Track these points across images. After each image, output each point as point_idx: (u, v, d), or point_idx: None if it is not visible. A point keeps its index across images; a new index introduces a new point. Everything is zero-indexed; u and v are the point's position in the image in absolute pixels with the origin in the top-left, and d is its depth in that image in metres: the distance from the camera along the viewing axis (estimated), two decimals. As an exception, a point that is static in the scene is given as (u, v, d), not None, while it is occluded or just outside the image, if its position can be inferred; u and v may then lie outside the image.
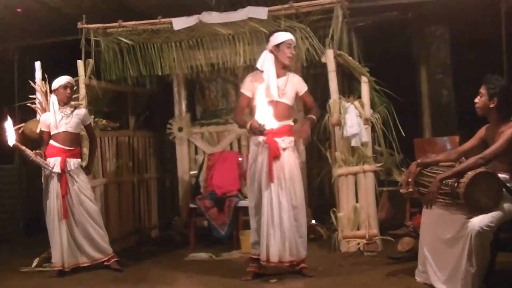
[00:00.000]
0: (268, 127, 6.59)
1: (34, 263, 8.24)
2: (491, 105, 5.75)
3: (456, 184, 5.46)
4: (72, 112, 7.89)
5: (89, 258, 7.89)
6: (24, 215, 11.18)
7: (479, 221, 5.34)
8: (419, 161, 6.02)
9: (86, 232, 7.84)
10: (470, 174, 5.40)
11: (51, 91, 8.03)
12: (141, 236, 10.01)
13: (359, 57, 9.18)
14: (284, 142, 6.93)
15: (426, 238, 6.01)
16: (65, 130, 7.80)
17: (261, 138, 6.81)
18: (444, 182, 5.56)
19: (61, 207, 7.70)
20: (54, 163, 7.72)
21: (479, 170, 5.44)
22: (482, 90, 5.81)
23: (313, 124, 7.19)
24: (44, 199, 7.86)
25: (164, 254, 8.94)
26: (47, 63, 8.52)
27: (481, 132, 6.00)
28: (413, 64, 11.31)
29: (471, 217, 5.40)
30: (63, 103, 7.87)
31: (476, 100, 5.87)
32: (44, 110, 8.18)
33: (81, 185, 7.86)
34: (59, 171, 7.71)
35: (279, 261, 6.87)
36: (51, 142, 7.83)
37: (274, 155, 6.83)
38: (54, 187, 7.75)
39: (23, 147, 7.51)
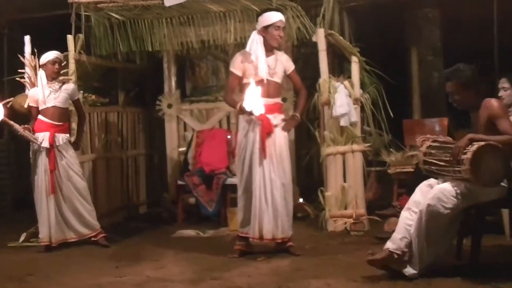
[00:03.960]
0: (256, 113, 6.63)
1: (22, 238, 8.23)
2: (472, 93, 5.69)
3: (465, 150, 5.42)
4: (60, 87, 7.86)
5: (77, 233, 7.90)
6: (12, 190, 11.15)
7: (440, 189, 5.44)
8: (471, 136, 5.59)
9: (74, 207, 7.85)
10: (490, 142, 5.35)
11: (40, 66, 8.00)
12: (129, 212, 10.02)
13: (350, 37, 9.16)
14: (276, 119, 6.96)
15: None
16: (54, 105, 7.78)
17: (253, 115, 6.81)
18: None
19: (49, 182, 7.71)
20: (42, 138, 7.71)
21: (492, 143, 5.37)
22: (453, 87, 5.73)
23: (298, 122, 7.26)
24: (32, 174, 7.86)
25: (152, 230, 8.97)
26: (37, 38, 8.48)
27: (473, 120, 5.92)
28: (404, 45, 11.30)
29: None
30: (51, 78, 7.84)
31: (454, 98, 5.81)
32: (33, 85, 8.15)
33: (70, 160, 7.86)
34: (48, 146, 7.70)
35: (272, 238, 6.93)
36: (40, 117, 7.80)
37: (267, 131, 6.85)
38: (43, 162, 7.74)
39: (12, 122, 7.49)
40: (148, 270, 6.57)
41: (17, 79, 8.43)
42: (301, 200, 9.22)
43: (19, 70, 8.41)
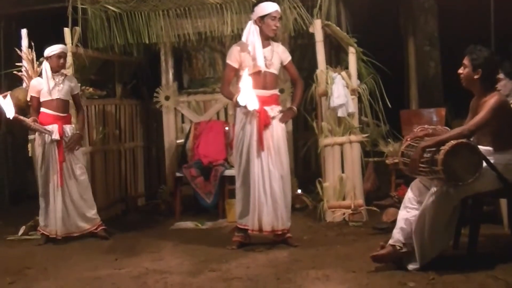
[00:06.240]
0: (250, 108, 6.64)
1: (21, 232, 8.25)
2: (475, 76, 5.70)
3: (436, 151, 5.47)
4: (63, 80, 7.87)
5: (78, 228, 7.93)
6: (10, 184, 11.14)
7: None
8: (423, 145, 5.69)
9: (76, 202, 7.89)
10: (452, 142, 5.40)
11: (37, 59, 8.01)
12: (127, 204, 10.00)
13: (347, 28, 9.15)
14: (273, 111, 6.97)
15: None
16: (58, 97, 7.82)
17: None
18: (426, 150, 5.57)
19: (58, 174, 7.74)
20: (52, 130, 7.74)
21: (461, 141, 5.43)
22: (466, 61, 5.73)
23: (295, 115, 7.31)
24: (39, 167, 7.89)
25: (150, 222, 8.97)
26: (33, 31, 8.47)
27: (471, 105, 5.98)
28: (401, 36, 11.30)
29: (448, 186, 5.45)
30: (55, 70, 7.84)
31: (460, 71, 5.80)
32: (30, 78, 8.16)
33: (74, 153, 7.92)
34: (58, 138, 7.74)
35: (272, 230, 6.94)
36: (44, 109, 7.83)
37: (265, 123, 6.86)
38: (52, 154, 7.78)
39: (22, 117, 7.59)
40: (147, 262, 6.58)
41: (14, 72, 8.44)
42: (299, 191, 9.22)
43: (17, 64, 8.42)
